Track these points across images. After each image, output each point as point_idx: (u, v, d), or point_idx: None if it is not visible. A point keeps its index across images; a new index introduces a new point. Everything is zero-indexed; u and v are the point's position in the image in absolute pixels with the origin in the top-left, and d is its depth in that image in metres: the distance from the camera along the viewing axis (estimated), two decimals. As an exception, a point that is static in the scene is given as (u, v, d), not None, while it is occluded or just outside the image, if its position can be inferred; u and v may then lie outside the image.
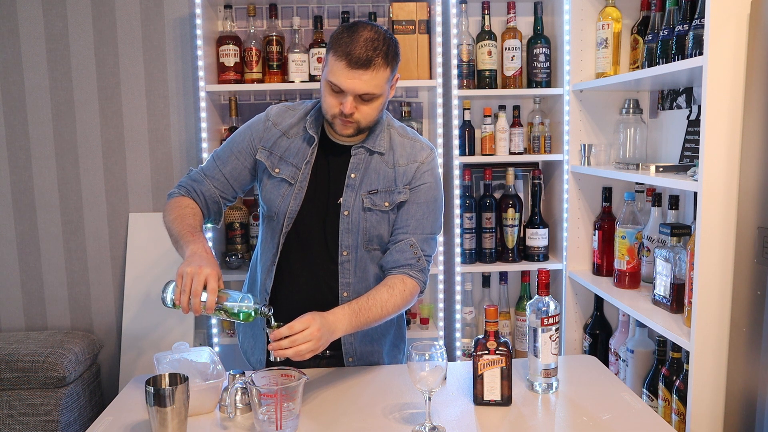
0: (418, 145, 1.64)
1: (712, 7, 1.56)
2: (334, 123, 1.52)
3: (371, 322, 1.52)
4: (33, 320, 2.88)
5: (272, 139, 1.62)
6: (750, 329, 1.56)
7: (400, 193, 1.59)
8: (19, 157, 2.79)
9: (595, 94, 2.46)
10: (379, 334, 1.71)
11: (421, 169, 1.60)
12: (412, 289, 1.59)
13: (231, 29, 2.61)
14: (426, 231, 1.61)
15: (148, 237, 2.80)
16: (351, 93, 1.45)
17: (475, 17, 2.69)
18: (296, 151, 1.61)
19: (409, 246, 1.59)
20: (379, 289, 1.55)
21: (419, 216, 1.60)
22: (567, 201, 2.52)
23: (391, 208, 1.59)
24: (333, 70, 1.45)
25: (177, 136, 2.81)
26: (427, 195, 1.61)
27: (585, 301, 2.55)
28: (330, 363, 1.69)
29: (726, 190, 1.60)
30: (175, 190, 1.65)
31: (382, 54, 1.44)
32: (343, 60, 1.43)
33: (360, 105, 1.48)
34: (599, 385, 1.58)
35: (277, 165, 1.61)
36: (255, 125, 1.65)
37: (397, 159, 1.60)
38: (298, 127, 1.63)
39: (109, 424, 1.41)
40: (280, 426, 1.29)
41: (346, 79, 1.44)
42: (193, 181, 1.65)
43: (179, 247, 1.52)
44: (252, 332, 1.75)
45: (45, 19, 2.74)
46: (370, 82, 1.45)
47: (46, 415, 2.48)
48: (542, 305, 1.49)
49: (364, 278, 1.63)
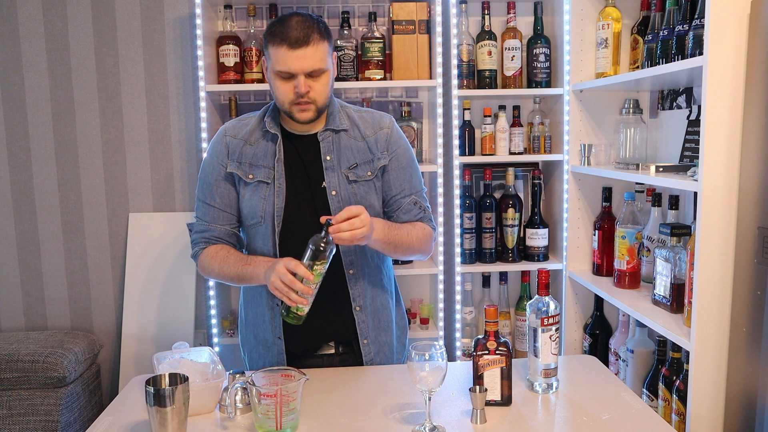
0: (377, 115, 1.74)
1: (712, 7, 1.56)
2: (292, 112, 1.59)
3: (399, 240, 1.62)
4: (33, 320, 2.88)
5: (237, 150, 1.67)
6: (750, 329, 1.56)
7: (379, 159, 1.68)
8: (19, 157, 2.79)
9: (595, 94, 2.46)
10: (386, 323, 1.74)
11: (391, 135, 1.70)
12: (429, 232, 1.72)
13: (231, 29, 2.61)
14: (418, 188, 1.73)
15: (148, 237, 2.80)
16: (300, 72, 1.53)
17: (475, 17, 2.69)
18: (263, 153, 1.66)
19: (413, 204, 1.71)
20: (402, 223, 1.68)
21: (408, 177, 1.71)
22: (567, 201, 2.52)
23: (375, 176, 1.67)
24: (277, 59, 1.54)
25: (177, 136, 2.81)
26: (406, 156, 1.72)
27: (585, 301, 2.55)
28: (343, 360, 1.72)
29: (726, 190, 1.60)
30: (195, 250, 1.71)
31: (316, 30, 1.54)
32: (283, 45, 1.52)
33: (311, 83, 1.55)
34: (599, 385, 1.59)
35: (249, 171, 1.66)
36: (214, 148, 1.71)
37: (364, 131, 1.69)
38: (257, 132, 1.69)
39: (109, 424, 1.41)
40: (280, 426, 1.29)
41: (291, 60, 1.52)
42: (201, 233, 1.71)
43: (247, 281, 1.62)
44: (254, 328, 1.75)
45: (45, 19, 2.74)
46: (315, 56, 1.53)
47: (46, 415, 2.48)
48: (542, 305, 1.50)
49: (365, 251, 1.69)
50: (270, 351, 1.71)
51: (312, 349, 1.72)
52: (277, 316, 1.66)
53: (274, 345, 1.70)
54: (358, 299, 1.68)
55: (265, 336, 1.71)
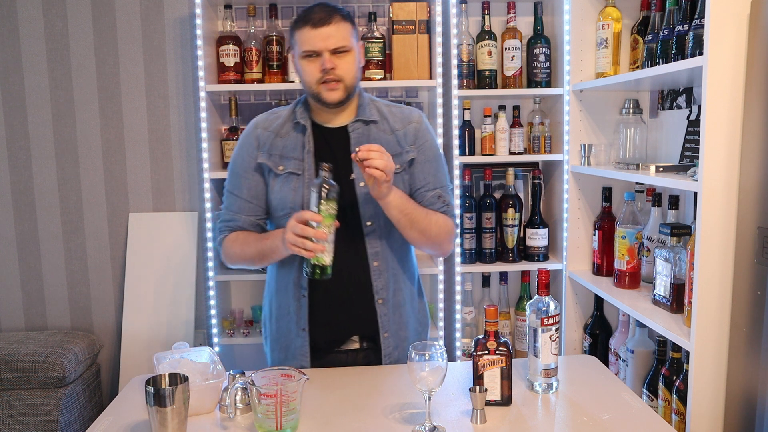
0: (406, 110, 1.76)
1: (712, 7, 1.56)
2: (320, 92, 1.61)
3: (417, 217, 1.63)
4: (33, 320, 2.88)
5: (267, 142, 1.70)
6: (750, 329, 1.56)
7: (408, 152, 1.69)
8: (19, 157, 2.79)
9: (595, 94, 2.46)
10: (407, 318, 1.75)
11: (420, 129, 1.72)
12: (451, 225, 1.73)
13: (231, 29, 2.61)
14: (443, 182, 1.74)
15: (148, 237, 2.80)
16: (324, 49, 1.58)
17: (475, 17, 2.69)
18: (293, 145, 1.68)
19: (438, 197, 1.72)
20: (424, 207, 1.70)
21: (434, 171, 1.72)
22: (567, 201, 2.52)
23: (403, 169, 1.69)
24: (302, 40, 1.59)
25: (177, 136, 2.81)
26: (433, 150, 1.74)
27: (585, 301, 2.55)
28: (366, 356, 1.73)
29: (726, 190, 1.60)
30: (219, 239, 1.75)
31: (338, 12, 1.60)
32: (306, 26, 1.58)
33: (336, 60, 1.59)
34: (599, 385, 1.58)
35: (279, 163, 1.68)
36: (245, 140, 1.74)
37: (393, 125, 1.71)
38: (288, 124, 1.71)
39: (109, 424, 1.41)
40: (280, 426, 1.29)
41: (315, 39, 1.57)
42: (227, 222, 1.74)
43: (269, 256, 1.65)
44: (285, 325, 1.75)
45: (45, 19, 2.74)
46: (338, 34, 1.58)
47: (46, 415, 2.48)
48: (542, 305, 1.49)
49: (390, 244, 1.71)
50: (293, 343, 1.72)
51: (336, 342, 1.73)
52: (303, 306, 1.68)
53: (298, 337, 1.71)
54: (380, 292, 1.69)
55: (290, 327, 1.72)
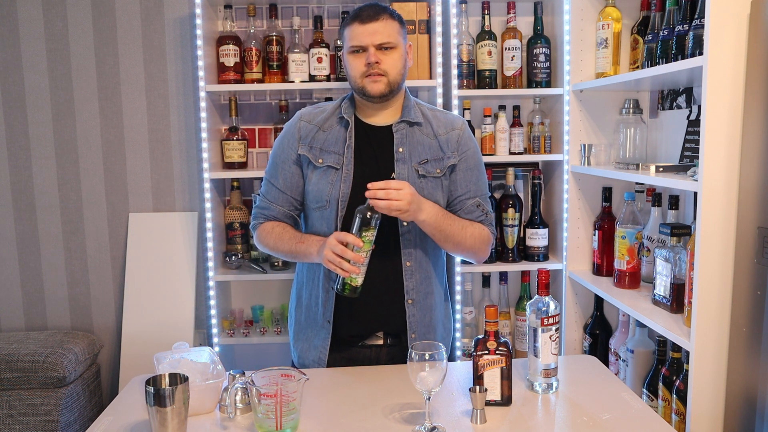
0: (451, 116, 1.80)
1: (712, 7, 1.56)
2: (364, 85, 1.65)
3: (452, 232, 1.66)
4: (33, 320, 2.88)
5: (310, 135, 1.72)
6: (750, 329, 1.56)
7: (449, 158, 1.72)
8: (19, 157, 2.79)
9: (595, 94, 2.46)
10: (435, 322, 1.76)
11: (462, 136, 1.75)
12: (488, 235, 1.75)
13: (231, 29, 2.61)
14: (483, 191, 1.77)
15: (148, 237, 2.80)
16: (370, 44, 1.63)
17: (475, 17, 2.69)
18: (335, 140, 1.71)
19: (477, 206, 1.74)
20: (460, 217, 1.72)
21: (475, 179, 1.75)
22: (567, 201, 2.52)
23: (443, 174, 1.71)
24: (350, 36, 1.65)
25: (177, 136, 2.81)
26: (475, 159, 1.76)
27: (585, 301, 2.55)
28: (390, 353, 1.74)
29: (726, 190, 1.60)
30: (253, 223, 1.79)
31: (387, 12, 1.66)
32: (355, 22, 1.64)
33: (381, 56, 1.63)
34: (599, 385, 1.59)
35: (319, 156, 1.70)
36: (289, 130, 1.76)
37: (437, 129, 1.74)
38: (332, 119, 1.74)
39: (109, 424, 1.41)
40: (280, 426, 1.29)
41: (363, 35, 1.63)
42: (262, 209, 1.78)
43: (300, 258, 1.71)
44: (307, 326, 1.77)
45: (45, 19, 2.74)
46: (384, 31, 1.63)
47: (46, 415, 2.48)
48: (542, 305, 1.50)
49: (425, 245, 1.72)
50: (318, 335, 1.73)
51: (361, 336, 1.74)
52: (330, 298, 1.69)
53: (322, 328, 1.72)
54: (411, 292, 1.70)
55: (316, 318, 1.73)
